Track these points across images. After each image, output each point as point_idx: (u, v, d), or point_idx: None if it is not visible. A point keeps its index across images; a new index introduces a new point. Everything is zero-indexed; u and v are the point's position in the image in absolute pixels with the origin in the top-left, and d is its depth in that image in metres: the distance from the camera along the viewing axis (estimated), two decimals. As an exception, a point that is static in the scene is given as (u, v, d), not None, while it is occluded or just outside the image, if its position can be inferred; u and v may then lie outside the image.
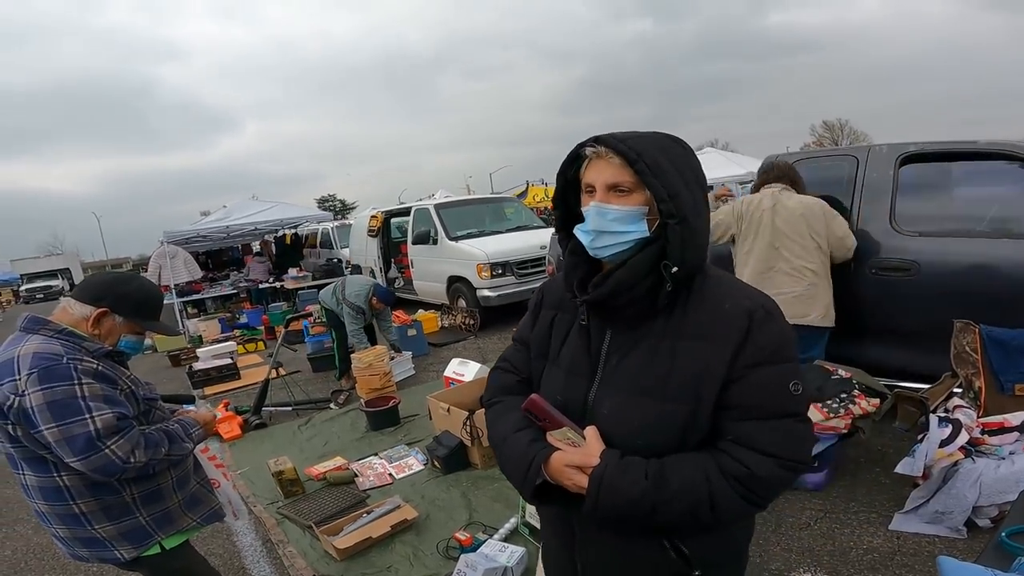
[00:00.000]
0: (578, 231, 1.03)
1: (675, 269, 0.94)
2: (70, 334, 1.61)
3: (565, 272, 1.09)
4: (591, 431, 0.99)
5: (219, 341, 8.48)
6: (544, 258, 6.83)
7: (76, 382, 1.51)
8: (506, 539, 2.58)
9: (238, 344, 8.03)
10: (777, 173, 3.29)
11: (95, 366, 1.58)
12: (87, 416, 1.49)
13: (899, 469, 2.48)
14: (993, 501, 2.33)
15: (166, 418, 1.79)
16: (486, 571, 2.17)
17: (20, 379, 1.47)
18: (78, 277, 35.17)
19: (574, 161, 1.05)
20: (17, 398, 1.46)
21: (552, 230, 7.96)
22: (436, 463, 3.46)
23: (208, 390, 6.26)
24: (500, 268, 7.21)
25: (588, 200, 1.01)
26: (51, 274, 34.89)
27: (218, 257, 15.98)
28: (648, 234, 0.98)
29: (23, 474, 1.59)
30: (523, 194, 16.00)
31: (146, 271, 10.88)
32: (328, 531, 2.67)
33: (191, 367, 6.79)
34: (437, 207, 8.38)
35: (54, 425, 1.46)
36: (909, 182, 3.37)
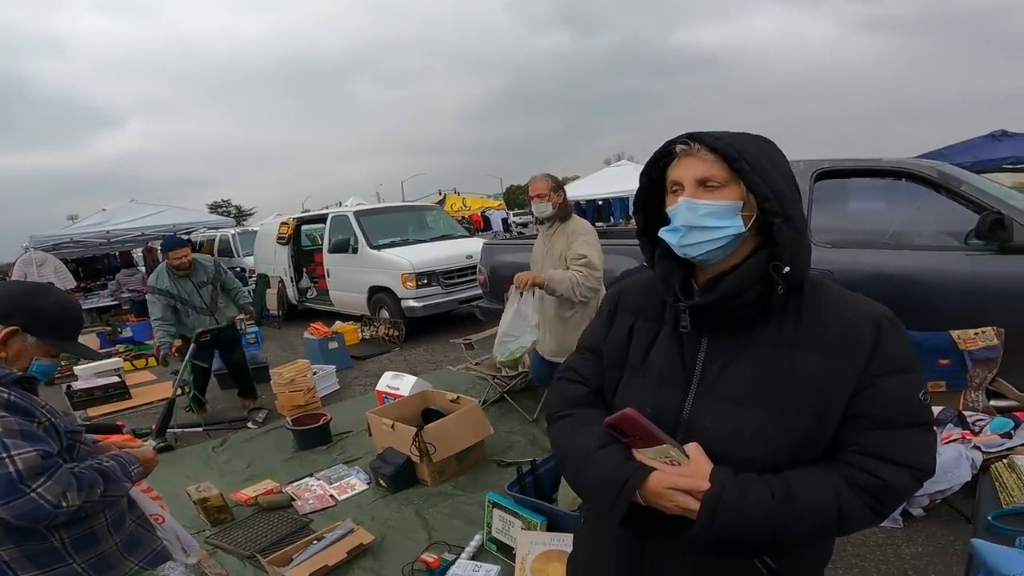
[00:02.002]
0: (664, 232, 0.98)
1: (787, 270, 0.90)
2: None
3: (661, 277, 1.03)
4: (695, 448, 0.92)
5: (99, 358, 7.55)
6: (474, 267, 6.75)
7: None
8: (474, 556, 2.46)
9: (124, 360, 7.19)
10: None
11: (6, 395, 1.33)
12: (3, 456, 1.24)
13: None
14: (925, 491, 2.55)
15: (92, 453, 1.54)
16: (466, 592, 2.04)
17: None
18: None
19: (661, 159, 1.00)
20: None
21: (476, 239, 7.96)
22: (382, 482, 3.25)
23: (92, 411, 5.52)
24: (426, 278, 7.03)
25: (674, 199, 0.96)
26: None
27: (91, 265, 14.27)
28: (744, 230, 0.94)
29: None
30: (440, 203, 15.83)
31: (9, 279, 9.49)
32: (276, 561, 2.39)
33: (69, 386, 5.95)
34: (357, 214, 8.02)
35: None
36: (823, 196, 3.68)
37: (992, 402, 3.05)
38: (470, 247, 7.42)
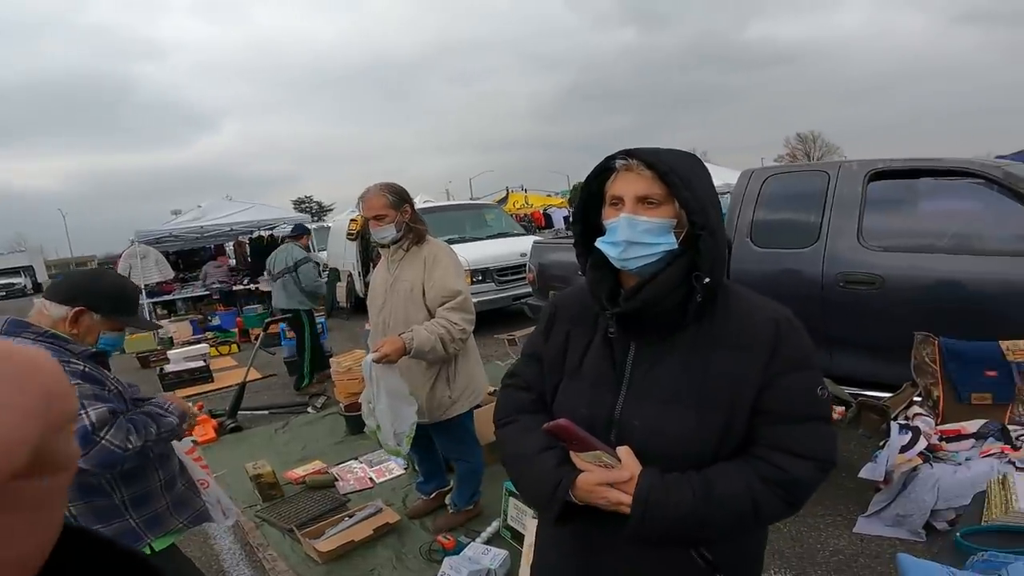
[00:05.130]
0: (602, 244, 1.03)
1: (706, 280, 0.97)
2: (53, 336, 1.60)
3: (590, 286, 1.09)
4: (625, 451, 0.98)
5: (190, 343, 8.34)
6: (524, 265, 6.89)
7: None
8: (488, 542, 2.62)
9: (211, 347, 7.91)
10: None
11: (82, 367, 1.58)
12: (82, 412, 1.49)
13: (862, 474, 2.59)
14: (950, 504, 2.46)
15: None
16: (470, 573, 2.22)
17: None
18: (41, 274, 34.08)
19: (601, 173, 1.06)
20: None
21: (532, 238, 8.10)
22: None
23: (180, 392, 6.14)
24: (480, 275, 7.26)
25: (614, 212, 1.02)
26: (14, 271, 33.64)
27: (189, 257, 15.63)
28: (676, 246, 1.00)
29: None
30: (503, 200, 16.07)
31: (114, 269, 10.64)
32: (310, 534, 2.68)
33: (162, 369, 6.67)
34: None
35: None
36: (876, 198, 3.53)
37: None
38: (525, 245, 7.56)
